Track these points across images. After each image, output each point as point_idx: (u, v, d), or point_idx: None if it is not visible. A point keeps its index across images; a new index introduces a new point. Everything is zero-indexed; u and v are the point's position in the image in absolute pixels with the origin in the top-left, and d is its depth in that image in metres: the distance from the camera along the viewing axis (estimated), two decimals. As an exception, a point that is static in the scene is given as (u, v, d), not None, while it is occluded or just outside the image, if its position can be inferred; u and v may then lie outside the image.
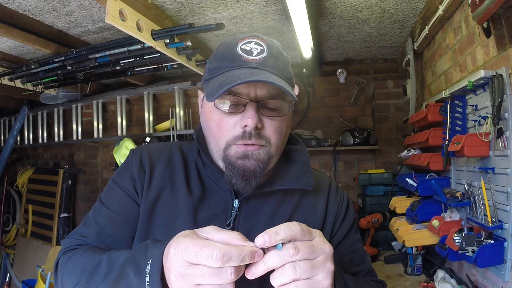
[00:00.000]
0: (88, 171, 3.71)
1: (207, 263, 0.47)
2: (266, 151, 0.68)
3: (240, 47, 0.68)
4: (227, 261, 0.47)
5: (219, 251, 0.47)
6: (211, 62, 0.73)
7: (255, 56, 0.67)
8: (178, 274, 0.48)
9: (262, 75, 0.63)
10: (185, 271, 0.48)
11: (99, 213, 0.76)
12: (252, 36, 0.70)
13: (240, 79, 0.62)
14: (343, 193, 0.86)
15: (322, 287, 0.52)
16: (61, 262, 0.72)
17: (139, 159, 0.78)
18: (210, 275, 0.47)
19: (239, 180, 0.68)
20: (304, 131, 2.96)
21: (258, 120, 0.66)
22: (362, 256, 0.83)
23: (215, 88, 0.65)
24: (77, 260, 0.68)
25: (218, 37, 2.41)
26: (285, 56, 0.73)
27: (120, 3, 1.52)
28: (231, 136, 0.67)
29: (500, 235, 1.30)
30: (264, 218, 0.74)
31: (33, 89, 2.77)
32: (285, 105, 0.70)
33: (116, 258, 0.61)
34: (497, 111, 1.24)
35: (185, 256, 0.48)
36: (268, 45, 0.69)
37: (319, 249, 0.53)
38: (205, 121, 0.73)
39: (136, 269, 0.56)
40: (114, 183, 0.78)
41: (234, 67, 0.67)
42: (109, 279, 0.59)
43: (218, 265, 0.47)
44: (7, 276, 3.55)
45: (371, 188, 2.60)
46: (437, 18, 1.75)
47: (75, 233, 0.76)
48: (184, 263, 0.48)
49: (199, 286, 0.48)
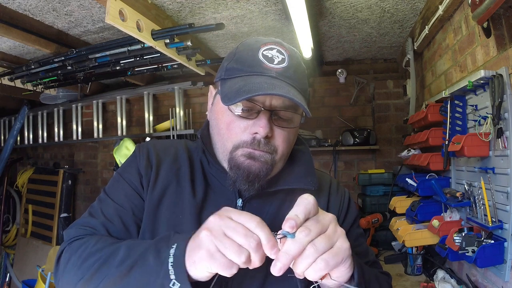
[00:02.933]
0: (88, 171, 3.71)
1: (246, 223, 0.53)
2: (272, 157, 0.69)
3: (262, 53, 0.68)
4: (260, 231, 0.52)
5: (259, 220, 0.53)
6: (229, 61, 0.72)
7: (276, 65, 0.68)
8: (213, 227, 0.53)
9: (282, 88, 0.64)
10: (221, 223, 0.53)
11: (105, 205, 0.75)
12: (275, 43, 0.70)
13: (261, 89, 0.62)
14: (344, 190, 0.87)
15: (344, 250, 0.55)
16: (67, 252, 0.68)
17: (146, 154, 0.78)
18: (240, 232, 0.52)
19: (242, 182, 0.68)
20: (304, 131, 2.96)
21: (269, 129, 0.66)
22: (366, 249, 0.83)
23: (233, 92, 0.64)
24: (91, 247, 0.65)
25: (218, 37, 2.41)
26: (303, 68, 0.73)
27: (120, 3, 1.52)
28: (240, 140, 0.68)
29: (500, 235, 1.30)
30: (267, 218, 0.74)
31: (33, 89, 2.77)
32: (297, 117, 0.71)
33: (137, 246, 0.62)
34: (497, 111, 1.24)
35: (227, 213, 0.54)
36: (289, 55, 0.70)
37: (327, 220, 0.56)
38: (215, 119, 0.73)
39: (156, 254, 0.58)
40: (120, 177, 0.77)
41: (254, 73, 0.67)
42: (124, 265, 0.59)
43: (253, 227, 0.52)
44: (7, 276, 3.55)
45: (371, 188, 2.60)
46: (437, 18, 1.75)
47: (80, 223, 0.74)
48: (224, 221, 0.53)
49: (225, 237, 0.52)
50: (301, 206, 0.54)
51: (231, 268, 0.51)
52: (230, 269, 0.51)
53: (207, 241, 0.52)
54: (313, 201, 0.55)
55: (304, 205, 0.54)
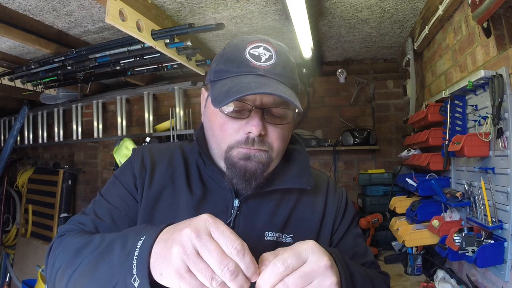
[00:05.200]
0: (88, 171, 3.71)
1: (225, 245, 0.48)
2: (267, 155, 0.69)
3: (249, 52, 0.68)
4: (240, 258, 0.47)
5: (240, 245, 0.48)
6: (217, 63, 0.72)
7: (263, 63, 0.67)
8: (187, 244, 0.47)
9: (270, 86, 0.63)
10: (196, 242, 0.47)
11: (99, 205, 0.77)
12: (261, 40, 0.70)
13: (249, 89, 0.62)
14: (342, 190, 0.87)
15: None
16: (55, 244, 0.71)
17: (141, 157, 0.79)
18: (214, 257, 0.47)
19: (239, 180, 0.69)
20: (304, 131, 2.96)
21: (262, 128, 0.67)
22: (364, 249, 0.83)
23: (222, 94, 0.65)
24: (72, 239, 0.67)
25: (218, 37, 2.41)
26: (292, 62, 0.73)
27: (120, 3, 1.52)
28: (234, 140, 0.68)
29: (500, 235, 1.30)
30: (264, 218, 0.75)
31: (33, 89, 2.77)
32: (289, 113, 0.71)
33: (109, 236, 0.61)
34: (497, 111, 1.24)
35: (209, 227, 0.49)
36: (276, 51, 0.69)
37: (313, 272, 0.51)
38: (208, 121, 0.73)
39: (123, 244, 0.56)
40: (115, 179, 0.79)
41: (242, 73, 0.67)
42: (95, 253, 0.59)
43: (231, 252, 0.47)
44: (7, 276, 3.55)
45: (371, 188, 2.60)
46: (437, 18, 1.75)
47: (73, 220, 0.76)
48: (200, 239, 0.48)
49: (198, 258, 0.47)
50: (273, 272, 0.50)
51: None
52: None
53: (178, 260, 0.47)
54: (289, 263, 0.50)
55: (275, 272, 0.50)
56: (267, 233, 0.73)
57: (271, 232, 0.73)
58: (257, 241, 0.71)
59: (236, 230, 0.72)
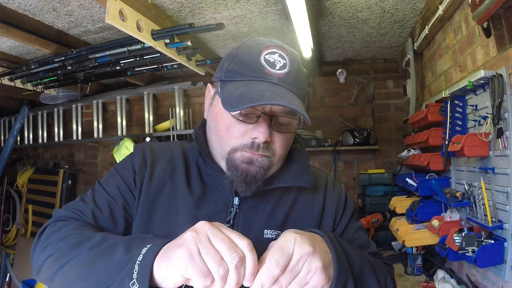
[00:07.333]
0: (88, 171, 3.71)
1: (235, 239, 0.52)
2: (269, 161, 0.70)
3: (264, 57, 0.68)
4: (249, 252, 0.52)
5: (248, 242, 0.53)
6: (229, 62, 0.71)
7: (278, 70, 0.68)
8: (201, 230, 0.53)
9: (285, 98, 0.64)
10: (209, 230, 0.53)
11: (98, 194, 0.76)
12: (276, 46, 0.70)
13: (264, 98, 0.62)
14: (340, 186, 0.87)
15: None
16: (50, 228, 0.70)
17: (142, 154, 0.80)
18: (225, 244, 0.51)
19: (240, 183, 0.69)
20: (304, 131, 2.96)
21: (269, 135, 0.67)
22: (367, 241, 0.84)
23: (235, 98, 0.65)
24: (71, 230, 0.67)
25: (218, 37, 2.41)
26: (304, 72, 0.74)
27: (120, 3, 1.52)
28: (239, 143, 0.68)
29: (500, 235, 1.30)
30: (263, 216, 0.75)
31: (33, 89, 2.77)
32: (295, 121, 0.72)
33: (113, 237, 0.62)
34: (497, 111, 1.24)
35: (219, 226, 0.55)
36: (291, 59, 0.70)
37: (299, 264, 0.54)
38: (213, 120, 0.73)
39: (127, 248, 0.57)
40: (115, 171, 0.79)
41: (256, 78, 0.67)
42: (94, 250, 0.60)
43: (241, 245, 0.52)
44: (7, 276, 3.55)
45: (371, 188, 2.60)
46: (437, 18, 1.75)
47: (71, 206, 0.75)
48: (213, 229, 0.53)
49: (209, 243, 0.51)
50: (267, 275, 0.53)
51: (207, 277, 0.49)
52: (205, 278, 0.49)
53: (190, 241, 0.51)
54: (280, 262, 0.53)
55: (270, 275, 0.53)
56: (266, 231, 0.73)
57: (270, 230, 0.73)
58: (256, 239, 0.71)
59: (235, 228, 0.72)
